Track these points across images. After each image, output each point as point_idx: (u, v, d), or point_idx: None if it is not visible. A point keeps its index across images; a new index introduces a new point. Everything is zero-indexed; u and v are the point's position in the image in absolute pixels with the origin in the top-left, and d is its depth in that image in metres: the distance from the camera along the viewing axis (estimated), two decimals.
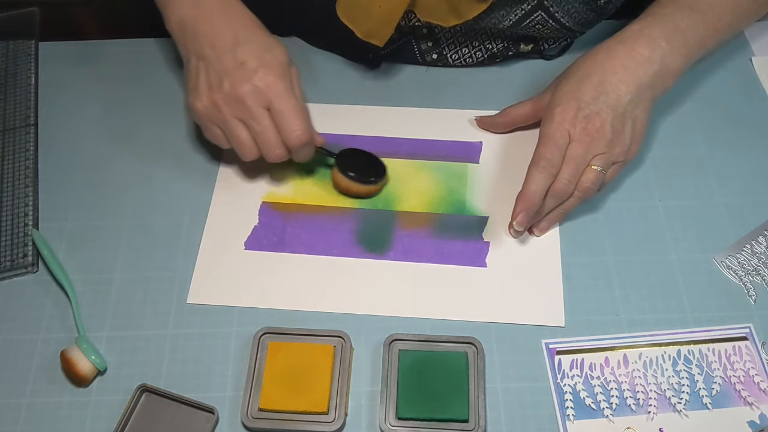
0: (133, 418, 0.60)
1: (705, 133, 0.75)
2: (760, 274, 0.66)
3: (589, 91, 0.65)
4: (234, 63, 0.65)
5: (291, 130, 0.65)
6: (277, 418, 0.59)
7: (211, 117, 0.66)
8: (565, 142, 0.65)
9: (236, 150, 0.67)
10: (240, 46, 0.65)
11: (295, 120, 0.65)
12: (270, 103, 0.65)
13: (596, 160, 0.65)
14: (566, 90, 0.66)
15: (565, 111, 0.65)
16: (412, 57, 0.80)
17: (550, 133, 0.65)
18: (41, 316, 0.65)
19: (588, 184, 0.66)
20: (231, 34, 0.66)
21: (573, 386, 0.61)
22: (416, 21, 0.75)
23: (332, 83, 0.80)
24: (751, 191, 0.71)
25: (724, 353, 0.62)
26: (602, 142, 0.65)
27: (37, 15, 0.86)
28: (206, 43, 0.66)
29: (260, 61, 0.65)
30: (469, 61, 0.80)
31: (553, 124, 0.65)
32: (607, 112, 0.65)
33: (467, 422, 0.58)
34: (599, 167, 0.65)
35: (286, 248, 0.69)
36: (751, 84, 0.79)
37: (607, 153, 0.65)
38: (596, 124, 0.65)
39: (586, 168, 0.65)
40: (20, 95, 0.80)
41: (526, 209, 0.65)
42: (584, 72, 0.66)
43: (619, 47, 0.66)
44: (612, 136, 0.65)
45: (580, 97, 0.65)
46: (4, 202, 0.72)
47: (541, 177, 0.64)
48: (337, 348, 0.62)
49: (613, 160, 0.66)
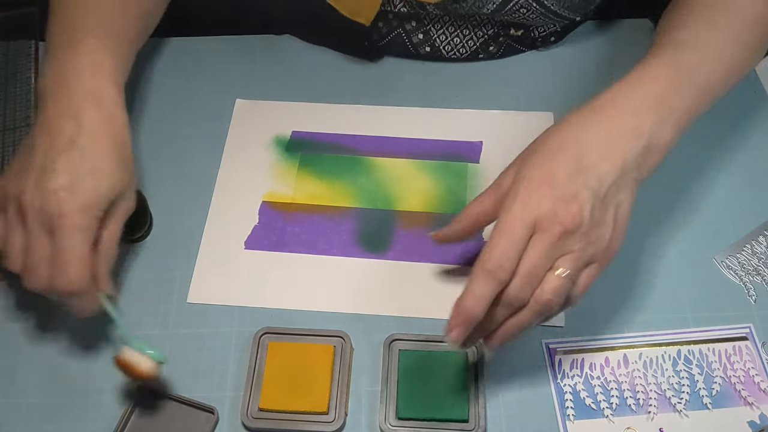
0: (133, 418, 0.60)
1: (705, 133, 0.75)
2: (760, 274, 0.66)
3: (563, 168, 0.51)
4: (44, 165, 0.54)
5: (62, 271, 0.53)
6: (277, 418, 0.59)
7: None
8: (526, 234, 0.50)
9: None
10: (68, 152, 0.55)
11: (70, 261, 0.53)
12: (53, 231, 0.54)
13: (564, 261, 0.50)
14: (533, 165, 0.52)
15: (531, 192, 0.50)
16: (406, 51, 0.80)
17: (507, 221, 0.50)
18: (41, 316, 0.65)
19: (548, 295, 0.50)
20: (73, 131, 0.55)
21: (573, 386, 0.61)
22: (402, 6, 0.75)
23: (331, 83, 0.80)
24: (751, 191, 0.71)
25: (724, 353, 0.62)
26: (576, 235, 0.50)
27: (37, 15, 0.86)
28: (42, 128, 0.56)
29: (72, 182, 0.54)
30: (463, 52, 0.79)
31: (512, 210, 0.50)
32: (586, 196, 0.50)
33: (467, 422, 0.58)
34: (566, 272, 0.50)
35: (286, 248, 0.69)
36: (751, 84, 0.79)
37: (579, 252, 0.50)
38: (571, 210, 0.50)
39: (548, 273, 0.50)
40: (20, 95, 0.80)
41: (463, 324, 0.50)
42: (557, 143, 0.52)
43: (599, 116, 0.53)
44: (589, 228, 0.50)
45: (552, 174, 0.51)
46: None
47: (485, 283, 0.49)
48: (337, 348, 0.62)
49: (586, 261, 0.51)
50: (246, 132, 0.77)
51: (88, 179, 0.55)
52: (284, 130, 0.77)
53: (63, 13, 0.63)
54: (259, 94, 0.79)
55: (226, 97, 0.79)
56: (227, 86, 0.80)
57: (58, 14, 0.63)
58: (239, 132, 0.77)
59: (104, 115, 0.58)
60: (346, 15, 0.71)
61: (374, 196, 0.72)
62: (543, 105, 0.77)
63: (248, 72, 0.81)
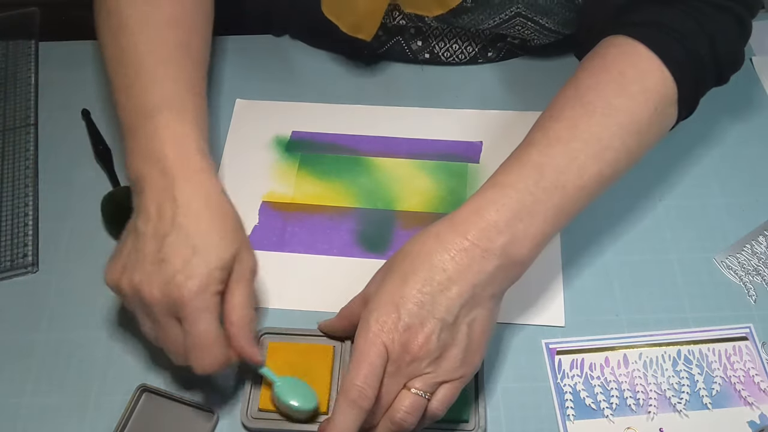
0: (133, 418, 0.60)
1: (705, 133, 0.75)
2: (760, 274, 0.66)
3: (413, 295, 0.52)
4: (154, 256, 0.54)
5: (197, 358, 0.54)
6: (277, 419, 0.59)
7: (119, 294, 0.57)
8: (383, 361, 0.51)
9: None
10: (171, 235, 0.54)
11: (202, 348, 0.54)
12: (180, 318, 0.54)
13: (416, 381, 0.52)
14: (387, 290, 0.53)
15: (382, 319, 0.51)
16: (405, 58, 0.80)
17: (363, 351, 0.51)
18: (41, 316, 0.65)
19: (405, 409, 0.51)
20: (171, 213, 0.55)
21: (573, 386, 0.61)
22: (401, 19, 0.75)
23: (331, 83, 0.80)
24: (751, 191, 0.71)
25: (724, 353, 0.62)
26: (424, 362, 0.51)
27: (37, 15, 0.86)
28: (143, 215, 0.56)
29: (182, 265, 0.53)
30: (462, 58, 0.80)
31: (367, 337, 0.51)
32: (433, 324, 0.51)
33: (467, 422, 0.58)
34: (419, 391, 0.51)
35: (286, 248, 0.69)
36: (751, 84, 0.79)
37: (431, 373, 0.52)
38: (419, 340, 0.51)
39: (402, 391, 0.52)
40: (20, 95, 0.80)
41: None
42: (409, 265, 0.53)
43: (450, 235, 0.53)
44: (438, 353, 0.51)
45: (402, 302, 0.52)
46: (4, 202, 0.72)
47: (350, 412, 0.50)
48: (337, 348, 0.62)
49: (440, 380, 0.52)
50: (246, 132, 0.77)
51: (195, 259, 0.54)
52: (284, 130, 0.77)
53: (132, 90, 0.61)
54: (259, 94, 0.79)
55: (226, 97, 0.79)
56: (227, 86, 0.80)
57: (128, 91, 0.61)
58: (239, 132, 0.77)
59: (198, 186, 0.57)
60: (346, 31, 0.70)
61: (374, 196, 0.72)
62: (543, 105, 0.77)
63: (248, 72, 0.81)
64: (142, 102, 0.60)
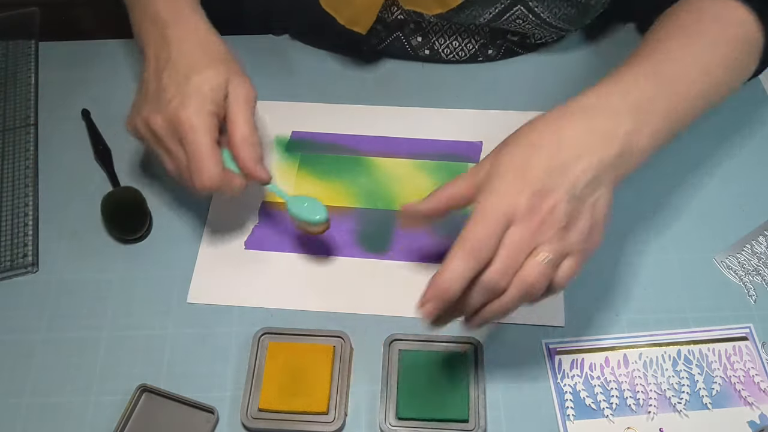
0: (133, 418, 0.60)
1: (705, 133, 0.75)
2: (760, 274, 0.66)
3: (541, 163, 0.52)
4: (156, 89, 0.61)
5: (194, 173, 0.59)
6: (277, 419, 0.59)
7: (138, 137, 0.64)
8: (504, 223, 0.50)
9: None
10: (166, 69, 0.61)
11: (198, 162, 0.58)
12: (181, 139, 0.59)
13: (543, 248, 0.51)
14: (511, 157, 0.53)
15: (508, 183, 0.51)
16: (405, 54, 0.80)
17: (484, 209, 0.51)
18: (41, 316, 0.65)
19: (531, 280, 0.51)
20: (166, 53, 0.62)
21: (573, 386, 0.61)
22: (399, 14, 0.75)
23: (331, 83, 0.80)
24: (751, 191, 0.71)
25: (724, 353, 0.62)
26: (553, 228, 0.51)
27: (37, 15, 0.86)
28: (146, 63, 0.63)
29: (177, 90, 0.59)
30: (462, 55, 0.80)
31: (490, 198, 0.51)
32: (561, 193, 0.51)
33: (467, 422, 0.58)
34: (546, 258, 0.51)
35: (286, 248, 0.69)
36: (751, 84, 0.79)
37: (559, 241, 0.51)
38: (548, 205, 0.51)
39: (528, 258, 0.51)
40: (20, 95, 0.80)
41: (437, 299, 0.50)
42: (536, 138, 0.54)
43: (579, 115, 0.54)
44: (565, 222, 0.51)
45: (529, 167, 0.52)
46: (4, 202, 0.72)
47: (462, 263, 0.50)
48: (337, 348, 0.62)
49: (566, 251, 0.52)
50: None
51: (187, 83, 0.60)
52: (284, 130, 0.77)
53: None
54: (259, 94, 0.79)
55: None
56: None
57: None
58: None
59: (187, 28, 0.63)
60: (344, 24, 0.72)
61: (374, 196, 0.72)
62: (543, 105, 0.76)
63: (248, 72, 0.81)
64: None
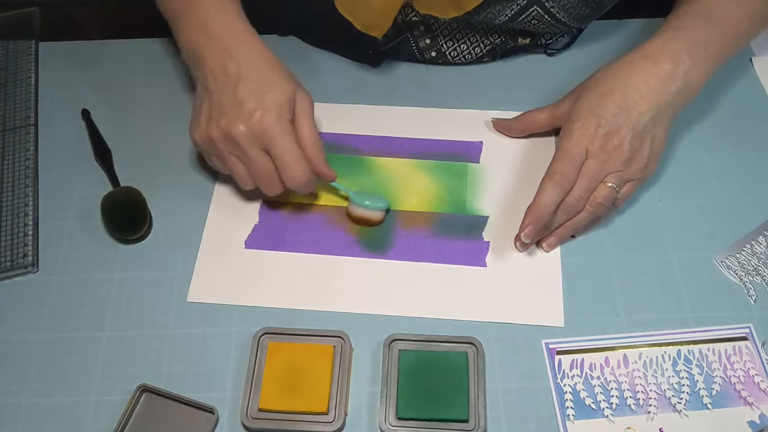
0: (133, 418, 0.60)
1: (705, 133, 0.75)
2: (760, 274, 0.66)
3: (610, 108, 0.65)
4: (233, 101, 0.64)
5: (288, 173, 0.65)
6: (277, 419, 0.59)
7: (207, 149, 0.67)
8: (582, 158, 0.65)
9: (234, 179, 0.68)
10: (241, 83, 0.64)
11: (291, 164, 0.64)
12: (266, 146, 0.64)
13: (611, 177, 0.65)
14: (587, 104, 0.66)
15: (585, 127, 0.65)
16: (411, 55, 0.80)
17: (567, 148, 0.65)
18: (41, 316, 0.65)
19: (600, 200, 0.65)
20: (235, 68, 0.65)
21: (573, 386, 0.61)
22: (413, 16, 0.75)
23: (332, 82, 0.80)
24: (751, 191, 0.71)
25: (724, 353, 0.62)
26: (619, 160, 0.65)
27: (37, 15, 0.86)
28: (210, 76, 0.65)
29: (258, 103, 0.64)
30: (468, 58, 0.80)
31: (572, 139, 0.65)
32: (627, 131, 0.64)
33: (467, 422, 0.58)
34: (613, 184, 0.65)
35: (286, 247, 0.69)
36: (751, 84, 0.79)
37: (622, 171, 0.65)
38: (615, 143, 0.64)
39: (600, 184, 0.65)
40: (20, 95, 0.80)
41: (535, 222, 0.64)
42: (606, 86, 0.66)
43: (643, 62, 0.66)
44: (629, 155, 0.65)
45: (601, 113, 0.65)
46: (4, 202, 0.72)
47: (553, 191, 0.64)
48: (337, 348, 0.62)
49: (628, 178, 0.66)
50: None
51: (266, 96, 0.64)
52: None
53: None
54: None
55: None
56: None
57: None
58: None
59: (251, 46, 0.67)
60: (360, 28, 0.71)
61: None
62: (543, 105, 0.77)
63: None
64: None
